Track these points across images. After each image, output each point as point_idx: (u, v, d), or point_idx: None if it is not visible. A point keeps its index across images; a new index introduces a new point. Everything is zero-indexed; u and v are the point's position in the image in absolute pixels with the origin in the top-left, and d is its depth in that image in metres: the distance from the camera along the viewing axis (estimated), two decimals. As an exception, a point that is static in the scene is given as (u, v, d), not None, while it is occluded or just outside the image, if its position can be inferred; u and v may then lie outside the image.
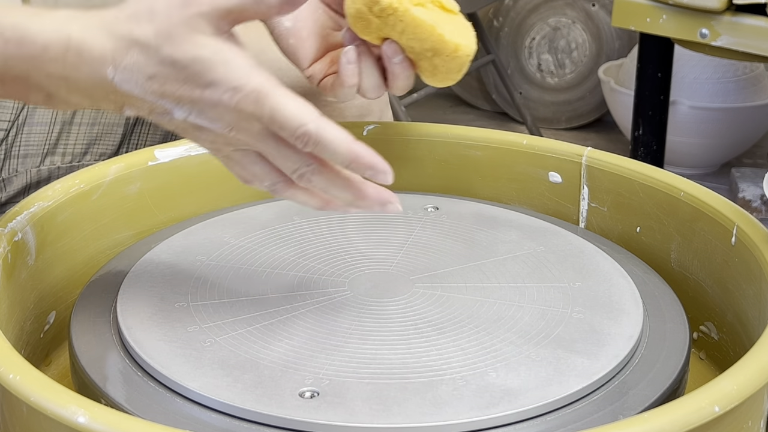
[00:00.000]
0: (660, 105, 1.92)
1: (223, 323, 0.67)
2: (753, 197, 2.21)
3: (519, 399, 0.59)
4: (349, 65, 0.73)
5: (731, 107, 2.31)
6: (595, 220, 0.86)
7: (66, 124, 0.96)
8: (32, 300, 0.74)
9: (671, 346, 0.67)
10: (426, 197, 0.88)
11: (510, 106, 2.87)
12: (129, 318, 0.67)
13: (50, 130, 0.96)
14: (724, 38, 1.66)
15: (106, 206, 0.81)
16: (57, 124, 0.96)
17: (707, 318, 0.78)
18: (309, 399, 0.59)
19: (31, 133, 0.96)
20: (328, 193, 0.64)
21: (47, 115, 0.96)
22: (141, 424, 0.52)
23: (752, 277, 0.71)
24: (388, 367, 0.62)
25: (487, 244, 0.79)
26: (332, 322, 0.67)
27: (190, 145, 0.86)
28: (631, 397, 0.62)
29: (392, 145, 0.92)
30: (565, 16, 2.78)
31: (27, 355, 0.72)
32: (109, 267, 0.77)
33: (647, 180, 0.81)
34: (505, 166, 0.89)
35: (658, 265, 0.80)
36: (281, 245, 0.78)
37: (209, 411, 0.59)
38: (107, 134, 0.97)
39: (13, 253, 0.70)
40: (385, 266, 0.75)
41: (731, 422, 0.55)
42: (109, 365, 0.64)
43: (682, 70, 2.32)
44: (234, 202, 0.89)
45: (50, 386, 0.54)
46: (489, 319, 0.68)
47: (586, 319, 0.68)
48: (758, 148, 2.58)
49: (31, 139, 0.96)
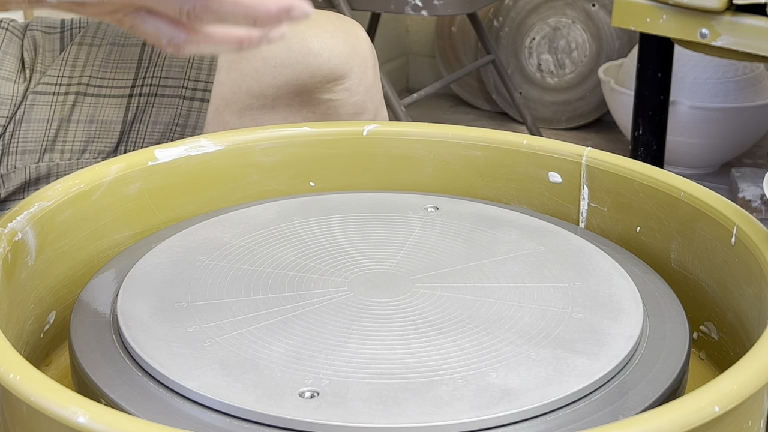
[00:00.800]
0: (660, 105, 1.92)
1: (223, 323, 0.67)
2: (753, 197, 2.21)
3: (519, 399, 0.59)
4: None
5: (731, 107, 2.31)
6: (595, 220, 0.86)
7: (64, 121, 0.97)
8: (32, 300, 0.74)
9: (671, 346, 0.67)
10: (426, 197, 0.88)
11: (510, 106, 2.87)
12: (129, 318, 0.67)
13: (48, 126, 0.97)
14: (724, 38, 1.66)
15: (106, 206, 0.81)
16: (54, 121, 0.97)
17: (707, 318, 0.78)
18: (309, 399, 0.59)
19: (29, 130, 0.96)
20: (227, 23, 0.61)
21: (45, 111, 0.97)
22: (141, 424, 0.52)
23: (752, 277, 0.71)
24: (388, 367, 0.62)
25: (487, 244, 0.79)
26: (332, 322, 0.67)
27: (190, 145, 0.87)
28: (631, 397, 0.62)
29: (392, 145, 0.92)
30: (565, 16, 2.78)
31: (27, 355, 0.72)
32: (109, 267, 0.77)
33: (647, 180, 0.81)
34: (505, 166, 0.89)
35: (658, 265, 0.80)
36: (281, 245, 0.78)
37: (209, 411, 0.59)
38: (105, 131, 0.98)
39: (13, 253, 0.70)
40: (385, 266, 0.75)
41: (731, 422, 0.55)
42: (109, 365, 0.64)
43: (682, 70, 2.31)
44: (234, 202, 0.89)
45: (50, 386, 0.54)
46: (489, 319, 0.68)
47: (586, 319, 0.68)
48: (758, 148, 2.58)
49: (29, 136, 0.96)
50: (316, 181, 0.92)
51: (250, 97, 1.00)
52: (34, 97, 0.97)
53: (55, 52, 1.00)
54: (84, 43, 1.00)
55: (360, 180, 0.92)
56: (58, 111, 0.97)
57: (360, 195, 0.88)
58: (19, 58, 0.98)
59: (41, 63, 0.99)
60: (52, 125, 0.97)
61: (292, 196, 0.89)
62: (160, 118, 0.99)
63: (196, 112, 0.99)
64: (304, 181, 0.92)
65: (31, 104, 0.97)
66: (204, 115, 0.99)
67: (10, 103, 0.96)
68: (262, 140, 0.90)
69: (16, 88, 0.97)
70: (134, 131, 0.98)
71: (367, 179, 0.92)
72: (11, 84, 0.97)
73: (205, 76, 0.99)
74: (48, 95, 0.97)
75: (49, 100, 0.97)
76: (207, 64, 0.99)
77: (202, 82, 0.99)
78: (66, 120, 0.97)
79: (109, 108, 0.98)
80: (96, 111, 0.98)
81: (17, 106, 0.96)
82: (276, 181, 0.91)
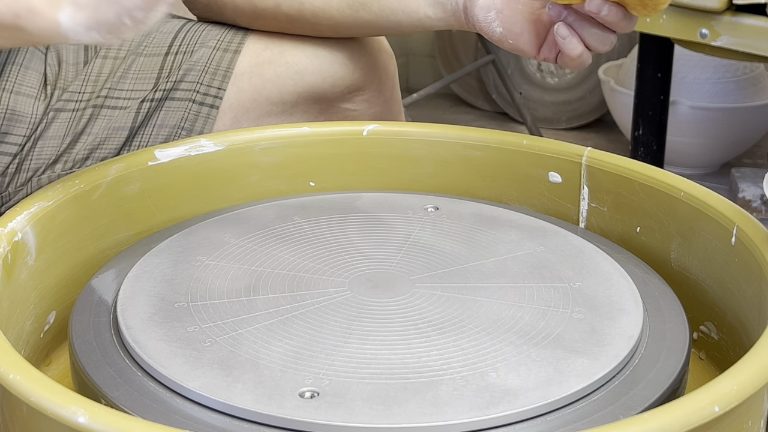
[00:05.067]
0: (660, 105, 1.92)
1: (223, 323, 0.67)
2: (753, 197, 2.21)
3: (519, 399, 0.59)
4: (566, 40, 0.79)
5: (731, 107, 2.31)
6: (595, 220, 0.86)
7: (77, 135, 0.95)
8: (32, 300, 0.74)
9: (671, 346, 0.67)
10: (426, 197, 0.88)
11: (510, 106, 2.87)
12: (129, 318, 0.67)
13: (62, 142, 0.95)
14: (724, 38, 1.66)
15: (106, 206, 0.81)
16: (69, 135, 0.95)
17: (707, 318, 0.78)
18: (309, 399, 0.59)
19: (45, 147, 0.94)
20: None
21: (62, 128, 0.95)
22: (141, 424, 0.52)
23: (752, 277, 0.71)
24: (388, 367, 0.62)
25: (487, 244, 0.79)
26: (332, 322, 0.67)
27: (190, 145, 0.87)
28: (631, 397, 0.62)
29: (392, 145, 0.92)
30: (565, 16, 2.77)
31: (27, 355, 0.72)
32: (109, 267, 0.77)
33: (647, 180, 0.81)
34: (505, 166, 0.89)
35: (658, 265, 0.80)
36: (281, 245, 0.78)
37: (209, 411, 0.59)
38: (111, 138, 0.96)
39: (13, 253, 0.70)
40: (385, 266, 0.75)
41: (731, 422, 0.55)
42: (109, 365, 0.64)
43: (682, 70, 2.31)
44: (234, 202, 0.89)
45: (50, 386, 0.54)
46: (489, 319, 0.68)
47: (586, 319, 0.68)
48: (758, 148, 2.58)
49: (44, 153, 0.94)
50: (316, 181, 0.92)
51: (270, 104, 0.98)
52: (54, 114, 0.95)
53: (79, 65, 0.97)
54: (108, 56, 0.98)
55: (360, 180, 0.92)
56: (73, 126, 0.95)
57: (360, 195, 0.88)
58: (42, 73, 0.96)
59: (63, 79, 0.96)
60: (66, 140, 0.95)
61: (292, 196, 0.89)
62: (167, 121, 0.97)
63: (203, 118, 0.97)
64: (304, 181, 0.92)
65: (51, 121, 0.95)
66: (212, 122, 0.96)
67: (29, 121, 0.94)
68: (262, 140, 0.90)
69: (36, 105, 0.94)
70: (140, 134, 0.97)
71: (367, 179, 0.92)
72: (32, 101, 0.94)
73: (219, 82, 0.97)
74: (68, 112, 0.95)
75: (68, 117, 0.95)
76: (222, 71, 0.98)
77: (214, 88, 0.97)
78: (80, 133, 0.95)
79: (120, 117, 0.96)
80: (110, 123, 0.96)
81: (36, 124, 0.94)
82: (276, 181, 0.91)
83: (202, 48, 0.98)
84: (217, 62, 0.97)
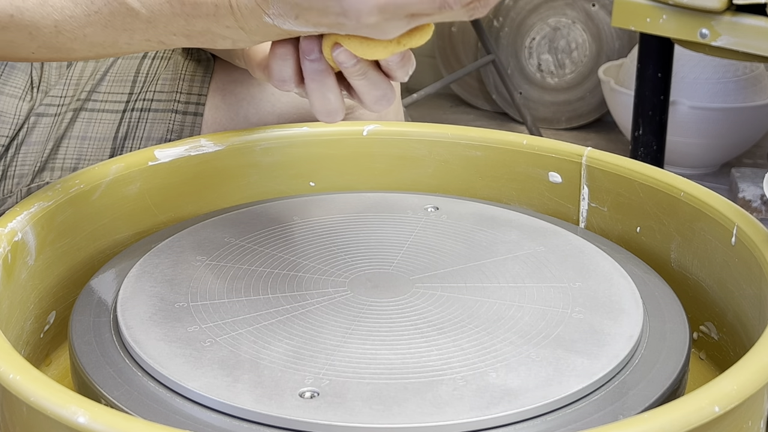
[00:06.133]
0: (660, 105, 1.92)
1: (223, 323, 0.67)
2: (753, 197, 2.21)
3: (519, 399, 0.59)
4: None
5: (731, 107, 2.31)
6: (595, 220, 0.86)
7: (59, 139, 0.94)
8: (32, 300, 0.74)
9: (671, 346, 0.67)
10: (426, 197, 0.88)
11: (510, 106, 2.87)
12: (129, 318, 0.67)
13: (44, 148, 0.94)
14: (724, 38, 1.66)
15: (106, 206, 0.81)
16: (51, 140, 0.94)
17: (707, 318, 0.78)
18: (309, 399, 0.59)
19: (28, 153, 0.93)
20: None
21: (44, 133, 0.94)
22: (141, 424, 0.52)
23: (752, 277, 0.71)
24: (388, 367, 0.62)
25: (487, 244, 0.79)
26: (332, 322, 0.67)
27: (190, 145, 0.87)
28: (631, 397, 0.62)
29: (392, 145, 0.92)
30: (565, 16, 2.78)
31: (27, 355, 0.72)
32: (109, 267, 0.77)
33: (647, 180, 0.81)
34: (505, 166, 0.89)
35: (658, 265, 0.80)
36: (281, 245, 0.78)
37: (209, 411, 0.59)
38: (97, 149, 0.95)
39: (13, 253, 0.70)
40: (385, 266, 0.75)
41: (731, 422, 0.55)
42: (109, 365, 0.64)
43: (682, 70, 2.32)
44: (234, 202, 0.89)
45: (50, 386, 0.54)
46: (489, 319, 0.68)
47: (586, 319, 0.68)
48: (758, 148, 2.58)
49: (28, 159, 0.93)
50: (316, 181, 0.92)
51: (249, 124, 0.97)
52: (36, 119, 0.94)
53: (62, 68, 0.97)
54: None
55: (360, 180, 0.92)
56: (55, 130, 0.94)
57: (360, 195, 0.88)
58: (29, 74, 0.95)
59: (46, 82, 0.96)
60: (48, 145, 0.94)
61: (292, 196, 0.89)
62: (153, 134, 0.96)
63: (189, 127, 0.96)
64: (304, 181, 0.92)
65: (33, 126, 0.94)
66: (198, 130, 0.96)
67: (12, 122, 0.93)
68: (262, 140, 0.90)
69: (20, 106, 0.94)
70: (126, 148, 0.96)
71: (367, 179, 0.92)
72: (16, 101, 0.94)
73: (198, 88, 0.96)
74: (49, 117, 0.94)
75: (50, 122, 0.94)
76: (200, 76, 0.97)
77: (194, 95, 0.96)
78: (61, 137, 0.94)
79: (102, 124, 0.95)
80: (90, 127, 0.95)
81: (19, 126, 0.93)
82: (276, 181, 0.91)
83: (176, 54, 0.98)
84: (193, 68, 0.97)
